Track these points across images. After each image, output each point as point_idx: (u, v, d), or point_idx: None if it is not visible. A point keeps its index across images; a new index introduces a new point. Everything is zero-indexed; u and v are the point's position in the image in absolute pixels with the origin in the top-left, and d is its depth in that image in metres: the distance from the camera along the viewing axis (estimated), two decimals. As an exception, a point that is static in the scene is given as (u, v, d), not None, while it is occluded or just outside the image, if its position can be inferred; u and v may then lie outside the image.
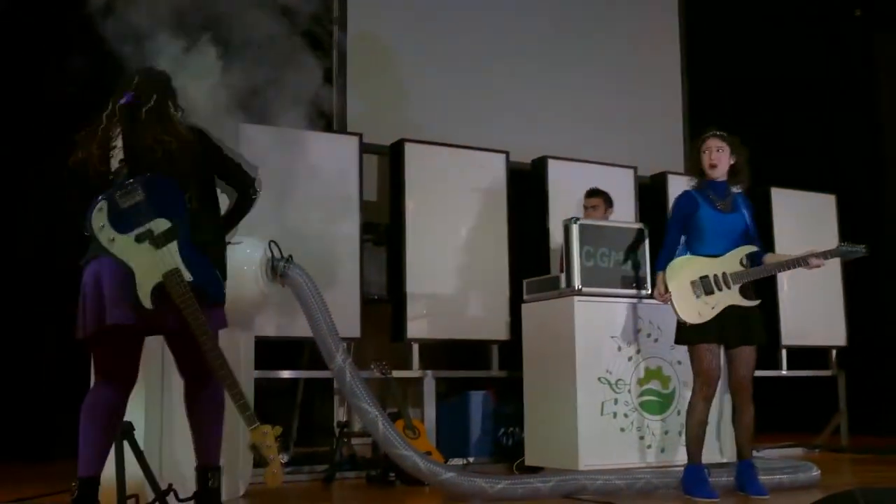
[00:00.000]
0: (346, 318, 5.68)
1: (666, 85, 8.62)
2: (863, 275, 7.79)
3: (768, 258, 4.79)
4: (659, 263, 4.82)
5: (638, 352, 5.43)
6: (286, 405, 6.47)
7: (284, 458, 5.54)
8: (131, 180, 3.32)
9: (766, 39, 9.52)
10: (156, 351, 4.07)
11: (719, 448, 5.56)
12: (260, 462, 3.36)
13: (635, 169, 7.37)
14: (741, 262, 4.69)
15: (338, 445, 5.80)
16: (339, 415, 6.13)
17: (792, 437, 7.75)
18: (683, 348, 4.82)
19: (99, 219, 3.29)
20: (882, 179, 9.44)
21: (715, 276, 4.65)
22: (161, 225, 3.31)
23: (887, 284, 8.92)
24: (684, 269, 4.72)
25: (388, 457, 4.79)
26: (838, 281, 7.77)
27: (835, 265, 7.62)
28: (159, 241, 3.29)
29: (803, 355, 7.70)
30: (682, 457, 5.02)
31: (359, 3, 7.16)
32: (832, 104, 9.68)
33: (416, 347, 6.32)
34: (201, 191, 3.55)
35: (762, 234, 4.92)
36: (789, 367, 7.57)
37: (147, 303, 3.28)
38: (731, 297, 4.64)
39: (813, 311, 7.58)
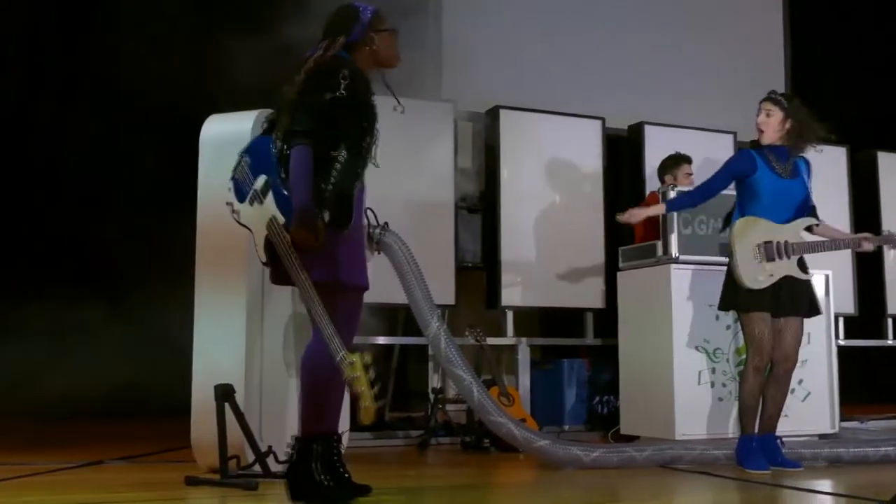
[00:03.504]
0: (441, 285, 5.71)
1: (768, 48, 8.39)
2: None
3: (821, 230, 4.65)
4: (674, 204, 4.94)
5: (736, 320, 5.32)
6: (382, 371, 6.54)
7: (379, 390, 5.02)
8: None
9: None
10: (254, 315, 4.18)
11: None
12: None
13: (735, 134, 7.19)
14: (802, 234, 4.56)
15: (432, 412, 5.84)
16: (434, 381, 6.17)
17: (898, 408, 7.55)
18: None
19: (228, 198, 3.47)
20: None
21: (778, 243, 4.50)
22: (259, 182, 3.44)
23: None
24: (752, 231, 4.55)
25: (482, 423, 4.80)
26: (949, 247, 7.49)
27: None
28: (261, 198, 3.42)
29: (911, 325, 7.47)
30: (782, 427, 4.92)
31: (454, -32, 7.13)
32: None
33: (510, 315, 6.32)
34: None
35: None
36: (896, 337, 7.37)
37: (262, 255, 3.41)
38: (788, 267, 4.50)
39: (921, 278, 7.34)
